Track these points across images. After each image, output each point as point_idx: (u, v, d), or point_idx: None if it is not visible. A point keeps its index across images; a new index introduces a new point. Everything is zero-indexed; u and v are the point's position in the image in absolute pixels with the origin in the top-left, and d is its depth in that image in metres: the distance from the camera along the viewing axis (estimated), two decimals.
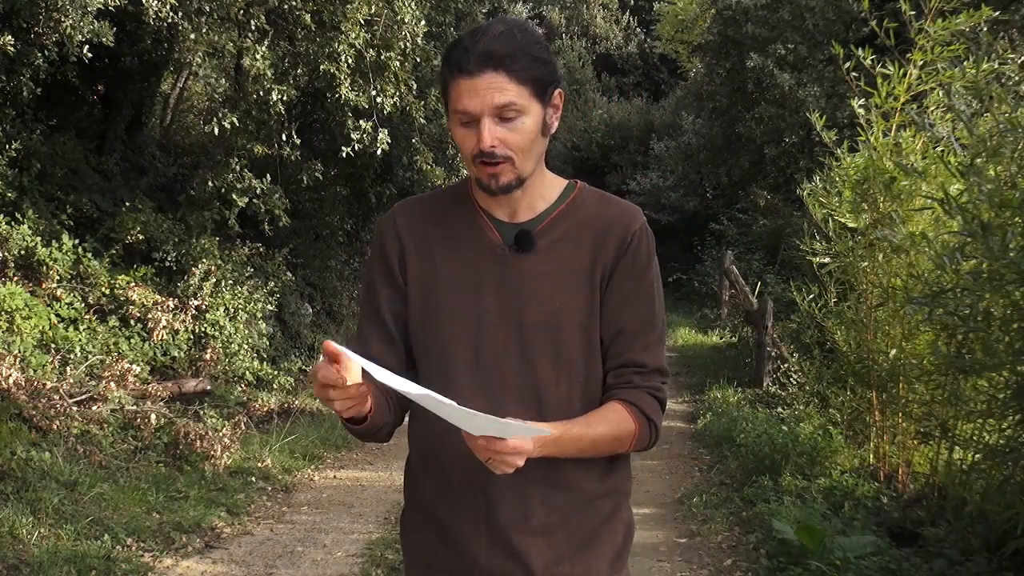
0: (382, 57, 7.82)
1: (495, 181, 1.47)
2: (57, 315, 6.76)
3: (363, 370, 1.34)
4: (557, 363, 1.51)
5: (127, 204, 8.14)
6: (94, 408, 6.03)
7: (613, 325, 1.54)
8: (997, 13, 5.63)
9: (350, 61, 7.59)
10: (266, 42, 7.60)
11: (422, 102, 9.34)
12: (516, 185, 1.49)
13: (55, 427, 5.57)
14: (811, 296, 6.13)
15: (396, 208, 1.64)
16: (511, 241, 1.54)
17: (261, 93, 7.62)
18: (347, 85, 7.62)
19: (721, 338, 12.46)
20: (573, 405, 1.51)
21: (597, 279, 1.53)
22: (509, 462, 1.34)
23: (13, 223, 6.90)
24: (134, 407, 6.21)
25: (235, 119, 7.55)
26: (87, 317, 7.02)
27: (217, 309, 8.10)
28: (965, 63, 4.46)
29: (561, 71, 1.66)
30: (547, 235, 1.54)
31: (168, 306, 7.60)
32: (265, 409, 7.91)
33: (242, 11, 7.37)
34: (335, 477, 6.56)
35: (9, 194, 7.16)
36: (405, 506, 1.67)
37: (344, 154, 8.19)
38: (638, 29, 28.02)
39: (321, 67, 7.62)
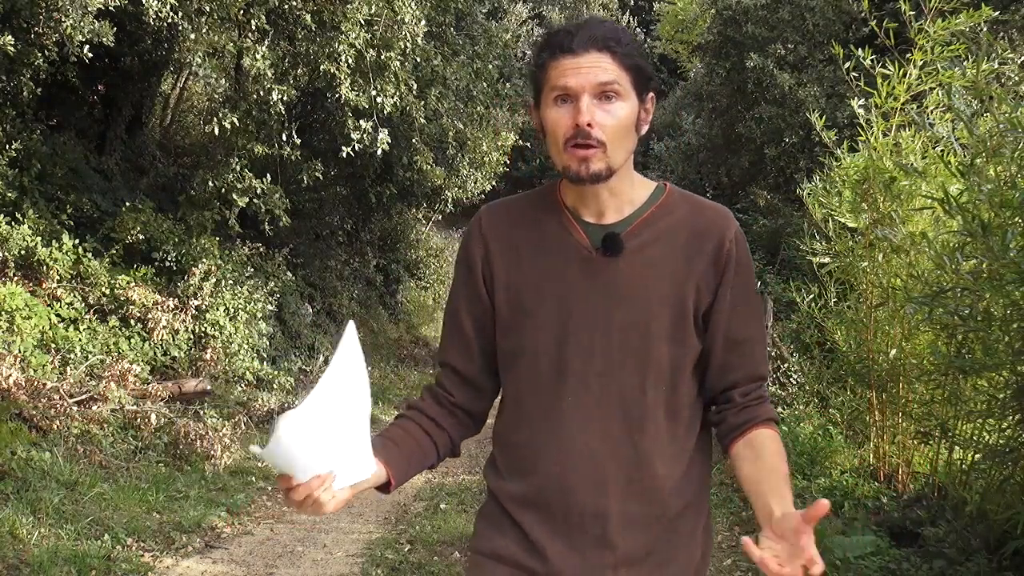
0: (382, 57, 7.82)
1: (585, 167, 1.41)
2: (57, 315, 6.76)
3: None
4: (643, 369, 1.47)
5: (127, 204, 8.14)
6: (94, 408, 6.03)
7: (725, 335, 1.50)
8: (997, 13, 5.63)
9: (350, 61, 7.58)
10: (266, 42, 7.60)
11: (422, 102, 9.34)
12: (606, 176, 1.42)
13: (55, 427, 5.57)
14: (811, 296, 6.12)
15: (482, 211, 1.59)
16: (599, 244, 1.49)
17: (261, 93, 7.62)
18: (347, 85, 7.62)
19: None
20: (658, 412, 1.48)
21: (691, 287, 1.48)
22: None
23: (13, 223, 6.90)
24: (134, 407, 6.21)
25: (235, 119, 7.55)
26: (87, 317, 7.01)
27: (217, 309, 8.10)
28: (965, 63, 4.45)
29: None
30: (636, 238, 1.49)
31: (168, 306, 7.60)
32: (265, 409, 7.91)
33: (242, 11, 7.36)
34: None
35: (9, 194, 7.16)
36: (487, 495, 1.64)
37: (344, 154, 8.19)
38: (638, 29, 27.98)
39: (321, 67, 7.62)
